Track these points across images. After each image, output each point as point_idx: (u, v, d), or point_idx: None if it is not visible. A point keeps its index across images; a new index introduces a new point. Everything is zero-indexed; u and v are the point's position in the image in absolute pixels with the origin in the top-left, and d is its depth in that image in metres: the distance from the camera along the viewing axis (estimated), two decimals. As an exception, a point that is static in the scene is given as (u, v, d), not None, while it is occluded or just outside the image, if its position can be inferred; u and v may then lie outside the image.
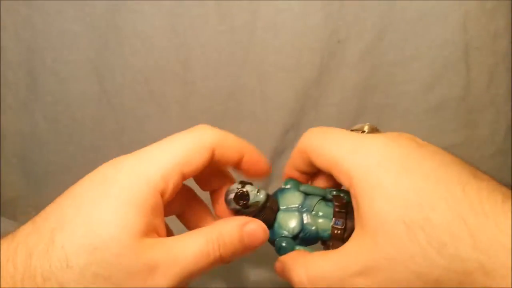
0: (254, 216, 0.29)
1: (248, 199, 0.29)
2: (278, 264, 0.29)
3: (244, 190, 0.29)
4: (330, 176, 0.29)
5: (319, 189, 0.32)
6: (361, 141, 0.27)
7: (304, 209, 0.30)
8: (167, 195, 0.26)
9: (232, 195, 0.29)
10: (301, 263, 0.27)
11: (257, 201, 0.29)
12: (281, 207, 0.31)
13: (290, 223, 0.30)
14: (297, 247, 0.30)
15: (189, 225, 0.34)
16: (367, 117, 0.52)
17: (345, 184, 0.26)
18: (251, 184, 0.30)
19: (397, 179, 0.24)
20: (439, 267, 0.22)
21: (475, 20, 0.50)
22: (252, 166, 0.31)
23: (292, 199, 0.31)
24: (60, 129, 0.51)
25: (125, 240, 0.24)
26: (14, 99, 0.51)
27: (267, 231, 0.28)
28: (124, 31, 0.49)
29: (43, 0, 0.48)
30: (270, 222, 0.30)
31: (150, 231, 0.25)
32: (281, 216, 0.30)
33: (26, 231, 0.25)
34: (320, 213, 0.30)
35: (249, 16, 0.50)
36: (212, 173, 0.31)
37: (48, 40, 0.49)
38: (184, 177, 0.27)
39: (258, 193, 0.29)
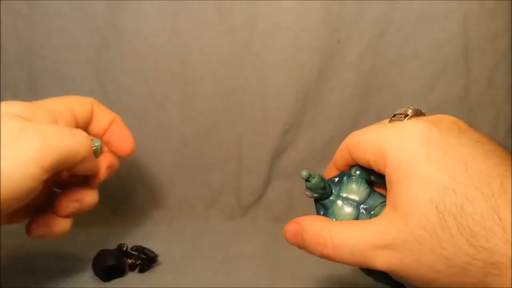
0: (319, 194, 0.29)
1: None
2: (292, 226, 0.28)
3: None
4: None
5: None
6: (400, 126, 0.26)
7: (363, 207, 0.29)
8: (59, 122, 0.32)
9: None
10: (326, 227, 0.26)
11: (318, 183, 0.28)
12: (342, 194, 0.29)
13: (343, 215, 0.29)
14: None
15: None
16: (367, 117, 0.52)
17: (381, 167, 0.26)
18: None
19: (434, 164, 0.24)
20: (467, 255, 0.22)
21: (475, 20, 0.50)
22: (117, 133, 0.37)
23: (355, 190, 0.29)
24: (60, 129, 0.51)
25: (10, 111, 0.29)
26: (14, 99, 0.50)
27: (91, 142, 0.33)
28: (124, 31, 0.49)
29: (43, 0, 0.49)
30: (325, 200, 0.29)
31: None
32: (338, 204, 0.29)
33: None
34: None
35: (249, 16, 0.50)
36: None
37: (48, 40, 0.49)
38: (75, 117, 0.34)
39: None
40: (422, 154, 0.24)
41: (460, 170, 0.23)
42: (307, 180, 0.28)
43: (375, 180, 0.30)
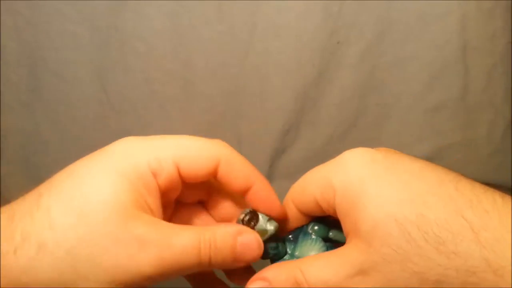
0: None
1: (257, 221, 0.27)
2: (257, 283, 0.25)
3: (254, 212, 0.27)
4: None
5: None
6: (341, 156, 0.26)
7: None
8: (161, 180, 0.25)
9: (242, 215, 0.27)
10: (295, 268, 0.24)
11: (265, 230, 0.27)
12: (296, 253, 0.28)
13: None
14: None
15: None
16: (366, 117, 0.52)
17: (329, 200, 0.25)
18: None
19: (383, 179, 0.23)
20: (439, 266, 0.21)
21: (473, 20, 0.50)
22: (260, 200, 0.28)
23: (310, 248, 0.28)
24: (62, 129, 0.51)
25: (115, 207, 0.22)
26: (15, 99, 0.51)
27: (262, 246, 0.26)
28: (125, 31, 0.49)
29: (44, 1, 0.49)
30: (279, 260, 0.28)
31: (143, 208, 0.24)
32: None
33: (15, 201, 0.23)
34: None
35: (249, 17, 0.50)
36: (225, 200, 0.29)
37: (49, 40, 0.49)
38: (180, 172, 0.26)
39: (268, 222, 0.27)
40: (369, 173, 0.23)
41: (411, 181, 0.22)
42: None
43: (333, 237, 0.28)
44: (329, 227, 0.28)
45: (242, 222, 0.27)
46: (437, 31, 0.50)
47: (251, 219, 0.27)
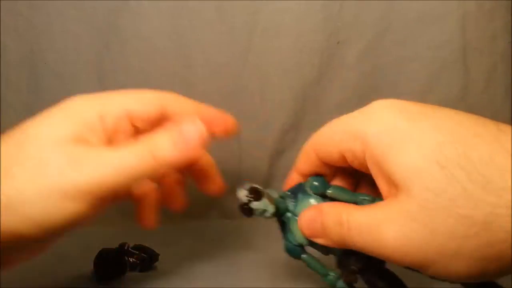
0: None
1: (260, 196, 0.28)
2: (310, 211, 0.26)
3: (258, 188, 0.29)
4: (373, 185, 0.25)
5: (351, 195, 0.27)
6: (367, 107, 0.25)
7: None
8: (108, 122, 0.27)
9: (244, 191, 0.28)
10: (345, 209, 0.24)
11: (263, 210, 0.28)
12: (296, 211, 0.28)
13: (300, 234, 0.27)
14: (304, 256, 0.28)
15: None
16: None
17: (357, 152, 0.24)
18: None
19: (419, 125, 0.22)
20: (487, 205, 0.19)
21: (473, 21, 0.50)
22: (213, 123, 0.30)
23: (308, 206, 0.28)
24: (61, 129, 0.51)
25: (50, 136, 0.24)
26: (15, 99, 0.51)
27: (205, 133, 0.27)
28: (125, 32, 0.49)
29: (45, 1, 0.49)
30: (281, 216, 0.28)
31: (84, 142, 0.25)
32: (293, 223, 0.28)
33: None
34: None
35: (249, 17, 0.50)
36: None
37: (49, 40, 0.49)
38: (129, 115, 0.28)
39: (269, 204, 0.28)
40: (403, 119, 0.22)
41: (449, 124, 0.21)
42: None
43: (331, 195, 0.28)
44: (327, 185, 0.28)
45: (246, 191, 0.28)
46: (437, 31, 0.50)
47: (255, 193, 0.28)
